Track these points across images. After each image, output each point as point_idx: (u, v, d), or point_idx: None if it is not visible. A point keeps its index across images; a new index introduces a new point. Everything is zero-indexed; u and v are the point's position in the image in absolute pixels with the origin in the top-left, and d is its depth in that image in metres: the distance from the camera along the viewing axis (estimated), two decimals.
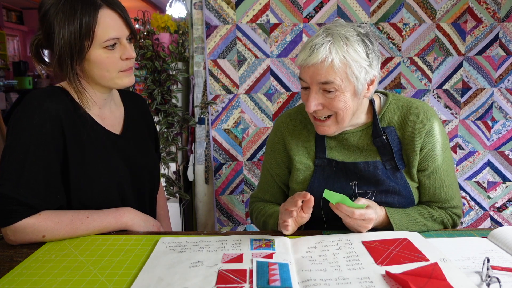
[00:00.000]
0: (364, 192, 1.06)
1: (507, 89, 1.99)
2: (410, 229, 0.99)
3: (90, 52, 0.94)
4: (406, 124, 1.06)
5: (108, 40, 0.94)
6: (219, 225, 2.11)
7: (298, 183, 1.12)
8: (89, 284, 0.74)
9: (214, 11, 1.93)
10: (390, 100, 1.10)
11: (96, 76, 0.98)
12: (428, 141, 1.04)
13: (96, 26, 0.92)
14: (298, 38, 1.98)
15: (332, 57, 0.93)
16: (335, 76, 0.94)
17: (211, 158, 2.05)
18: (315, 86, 0.97)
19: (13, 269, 0.80)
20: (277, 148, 1.18)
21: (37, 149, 0.91)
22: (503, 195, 2.06)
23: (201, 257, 0.82)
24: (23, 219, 0.89)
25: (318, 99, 0.98)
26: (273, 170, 1.20)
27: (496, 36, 1.95)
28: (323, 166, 1.09)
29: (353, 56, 0.94)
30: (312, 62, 0.94)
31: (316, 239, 0.91)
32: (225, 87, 2.01)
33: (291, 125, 1.17)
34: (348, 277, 0.73)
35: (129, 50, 0.98)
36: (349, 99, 0.98)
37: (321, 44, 0.94)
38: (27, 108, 0.94)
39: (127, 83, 1.02)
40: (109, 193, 1.03)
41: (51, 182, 0.94)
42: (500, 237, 0.89)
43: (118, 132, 1.09)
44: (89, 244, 0.92)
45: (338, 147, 1.10)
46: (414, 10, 1.95)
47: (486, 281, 0.70)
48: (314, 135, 1.13)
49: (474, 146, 2.04)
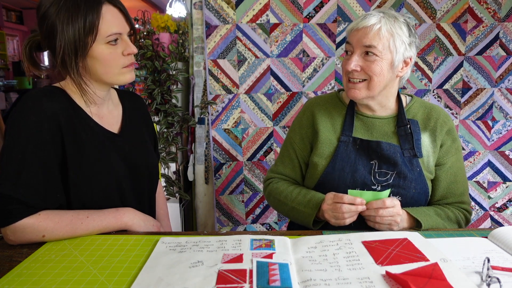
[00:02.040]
0: (384, 172, 1.12)
1: (508, 89, 1.99)
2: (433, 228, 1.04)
3: (93, 48, 0.96)
4: (429, 120, 1.16)
5: (111, 35, 0.96)
6: (219, 225, 2.11)
7: (321, 157, 1.18)
8: (89, 284, 0.74)
9: (214, 11, 1.93)
10: (415, 100, 1.21)
11: (98, 72, 1.00)
12: (448, 138, 1.15)
13: (100, 22, 0.94)
14: (298, 38, 1.98)
15: (381, 25, 1.06)
16: (379, 42, 1.06)
17: (211, 158, 2.05)
18: (359, 49, 1.08)
19: (13, 269, 0.80)
20: (304, 124, 1.25)
21: (35, 148, 0.91)
22: (504, 195, 2.06)
23: (201, 257, 0.82)
24: (22, 219, 0.89)
25: (358, 61, 1.09)
26: (296, 144, 1.26)
27: (497, 36, 1.95)
28: (347, 143, 1.16)
29: (398, 31, 1.07)
30: (363, 25, 1.07)
31: (316, 239, 0.91)
32: (225, 87, 2.01)
33: (322, 104, 1.26)
34: (348, 277, 0.73)
35: (130, 45, 1.01)
36: (385, 67, 1.08)
37: (373, 15, 1.08)
38: (24, 107, 0.94)
39: (129, 79, 1.04)
40: (108, 192, 1.03)
41: (50, 181, 0.94)
42: (500, 237, 0.89)
43: (116, 131, 1.09)
44: (89, 244, 0.92)
45: (364, 129, 1.18)
46: (414, 10, 1.95)
47: (486, 281, 0.70)
48: (343, 116, 1.21)
49: (475, 146, 2.04)
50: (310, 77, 2.02)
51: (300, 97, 2.03)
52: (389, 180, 1.11)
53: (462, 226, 1.12)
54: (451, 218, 1.10)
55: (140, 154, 1.13)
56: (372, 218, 0.99)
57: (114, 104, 1.13)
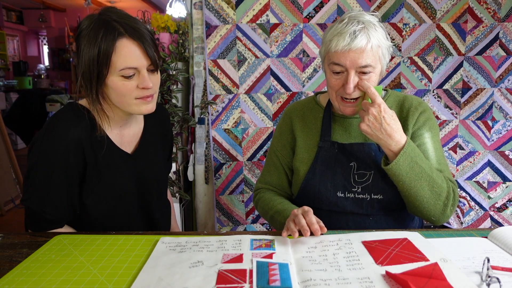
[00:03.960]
0: (362, 173, 1.11)
1: (507, 89, 1.99)
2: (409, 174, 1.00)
3: (108, 77, 0.96)
4: (401, 112, 1.15)
5: (125, 69, 0.95)
6: (219, 225, 2.11)
7: (301, 162, 1.18)
8: (89, 284, 0.74)
9: (214, 11, 1.93)
10: (389, 94, 1.20)
11: (114, 100, 1.01)
12: (419, 119, 1.13)
13: (113, 55, 0.94)
14: (298, 38, 1.98)
15: (372, 41, 1.02)
16: (373, 59, 1.04)
17: (211, 158, 2.05)
18: (353, 69, 1.04)
19: (13, 269, 0.80)
20: (284, 131, 1.26)
21: (61, 171, 0.99)
22: (503, 195, 2.06)
23: (201, 257, 0.82)
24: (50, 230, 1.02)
25: (355, 82, 1.05)
26: (279, 151, 1.26)
27: (496, 36, 1.95)
28: (326, 147, 1.16)
29: (381, 39, 1.05)
30: (357, 47, 1.01)
31: (316, 239, 0.91)
32: (225, 87, 2.01)
33: (299, 110, 1.26)
34: (348, 277, 0.73)
35: (146, 80, 0.97)
36: (376, 79, 1.08)
37: (360, 30, 1.02)
38: (52, 135, 0.98)
39: (144, 110, 1.02)
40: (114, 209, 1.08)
41: (71, 200, 1.02)
42: (500, 237, 0.89)
43: (131, 151, 1.12)
44: (89, 244, 0.92)
45: (341, 131, 1.17)
46: (414, 10, 1.95)
47: (486, 281, 0.70)
48: (321, 120, 1.20)
49: (474, 146, 2.04)
50: (310, 77, 2.02)
51: (300, 97, 2.03)
52: (368, 181, 1.10)
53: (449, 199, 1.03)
54: (439, 175, 1.03)
55: (151, 173, 1.16)
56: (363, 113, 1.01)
57: (137, 122, 1.14)
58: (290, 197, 1.27)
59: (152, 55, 0.97)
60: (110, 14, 0.96)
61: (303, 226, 0.88)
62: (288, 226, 0.92)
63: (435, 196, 1.02)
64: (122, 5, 7.48)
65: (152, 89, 1.00)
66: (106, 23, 0.94)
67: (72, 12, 8.11)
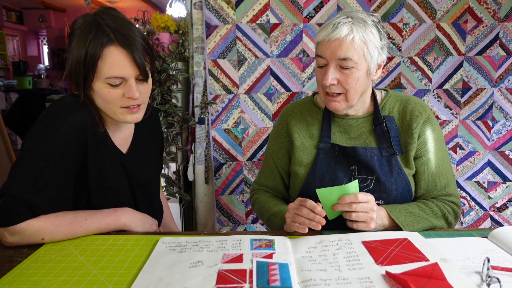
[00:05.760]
0: (363, 178, 1.10)
1: (508, 89, 1.99)
2: (416, 226, 1.01)
3: (94, 82, 0.94)
4: (404, 114, 1.13)
5: (111, 78, 0.93)
6: (219, 225, 2.11)
7: (300, 166, 1.16)
8: (89, 284, 0.74)
9: (214, 11, 1.93)
10: (390, 94, 1.18)
11: (100, 106, 0.99)
12: (425, 129, 1.11)
13: (99, 61, 0.91)
14: (298, 38, 1.98)
15: (354, 34, 1.00)
16: (354, 53, 1.01)
17: (211, 158, 2.05)
18: (333, 62, 1.03)
19: (13, 269, 0.80)
20: (280, 133, 1.24)
21: (59, 160, 0.93)
22: (504, 195, 2.06)
23: (201, 257, 0.82)
24: (24, 221, 0.89)
25: (335, 74, 1.04)
26: (275, 154, 1.24)
27: (497, 36, 1.95)
28: (326, 149, 1.14)
29: (370, 37, 1.02)
30: (335, 37, 1.01)
31: (316, 239, 0.91)
32: (225, 87, 2.01)
33: (296, 111, 1.23)
34: (348, 277, 0.73)
35: (133, 90, 0.94)
36: (361, 77, 1.05)
37: (344, 23, 1.01)
38: (54, 118, 0.94)
39: (130, 120, 1.00)
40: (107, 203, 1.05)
41: (64, 192, 0.96)
42: (500, 237, 0.89)
43: (125, 151, 1.10)
44: (89, 244, 0.92)
45: (341, 132, 1.16)
46: (414, 10, 1.95)
47: (486, 281, 0.70)
48: (320, 121, 1.18)
49: (474, 146, 2.04)
50: (310, 77, 2.02)
51: (300, 97, 2.03)
52: (369, 186, 1.09)
53: (450, 221, 1.08)
54: (436, 213, 1.06)
55: (144, 173, 1.15)
56: (348, 215, 0.95)
57: (128, 125, 1.13)
58: (286, 198, 1.27)
59: (141, 65, 0.94)
60: (105, 17, 0.94)
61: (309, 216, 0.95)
62: (298, 220, 0.96)
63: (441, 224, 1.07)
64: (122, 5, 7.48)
65: (139, 99, 0.97)
66: (97, 26, 0.92)
67: (72, 12, 8.12)
